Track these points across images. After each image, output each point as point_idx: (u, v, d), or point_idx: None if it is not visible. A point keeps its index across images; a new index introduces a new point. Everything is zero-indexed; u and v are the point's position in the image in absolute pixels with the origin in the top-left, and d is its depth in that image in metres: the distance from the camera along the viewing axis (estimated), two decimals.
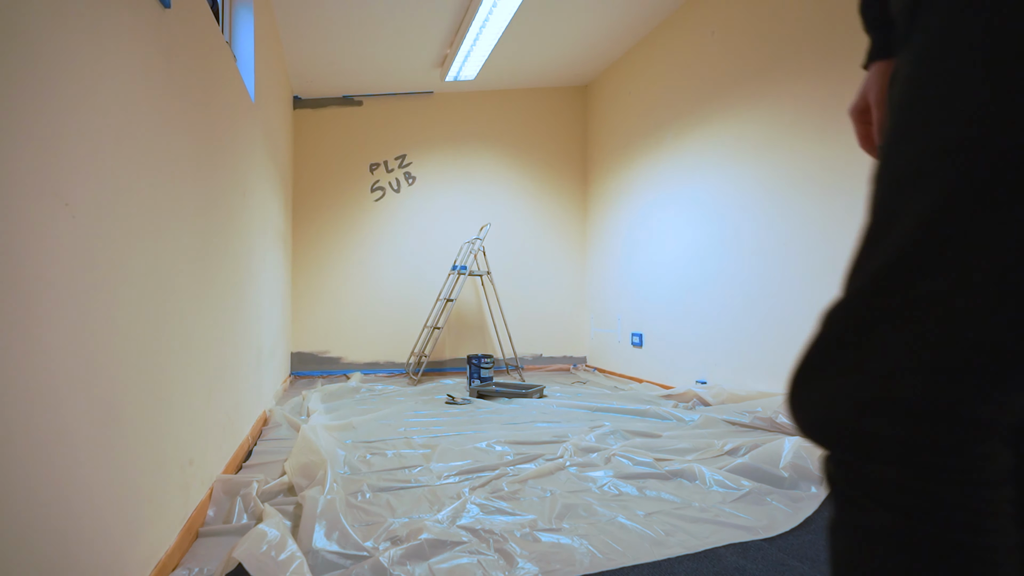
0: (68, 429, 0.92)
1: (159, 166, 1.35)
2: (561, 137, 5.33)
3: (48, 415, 0.86)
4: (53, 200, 0.88)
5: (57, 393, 0.89)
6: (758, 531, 1.64)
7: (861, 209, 2.51)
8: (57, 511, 0.88)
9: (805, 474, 1.95)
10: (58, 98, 0.90)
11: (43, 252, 0.85)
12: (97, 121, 1.03)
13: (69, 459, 0.92)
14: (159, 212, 1.35)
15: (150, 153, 1.29)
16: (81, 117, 0.97)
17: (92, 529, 0.99)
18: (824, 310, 0.58)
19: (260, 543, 1.33)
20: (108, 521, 1.06)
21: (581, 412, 3.30)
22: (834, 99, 2.63)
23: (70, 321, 0.93)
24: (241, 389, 2.38)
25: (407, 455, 2.35)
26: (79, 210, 0.96)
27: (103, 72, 1.06)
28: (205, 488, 1.75)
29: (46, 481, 0.85)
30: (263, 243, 3.02)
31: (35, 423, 0.83)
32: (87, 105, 0.99)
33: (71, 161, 0.94)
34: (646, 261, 4.29)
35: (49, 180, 0.87)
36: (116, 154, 1.11)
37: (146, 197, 1.27)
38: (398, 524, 1.66)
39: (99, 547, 1.02)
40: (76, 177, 0.95)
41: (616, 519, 1.71)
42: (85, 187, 0.98)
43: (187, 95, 1.58)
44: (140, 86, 1.23)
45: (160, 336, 1.35)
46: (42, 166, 0.85)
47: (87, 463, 0.98)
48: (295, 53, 4.08)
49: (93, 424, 1.01)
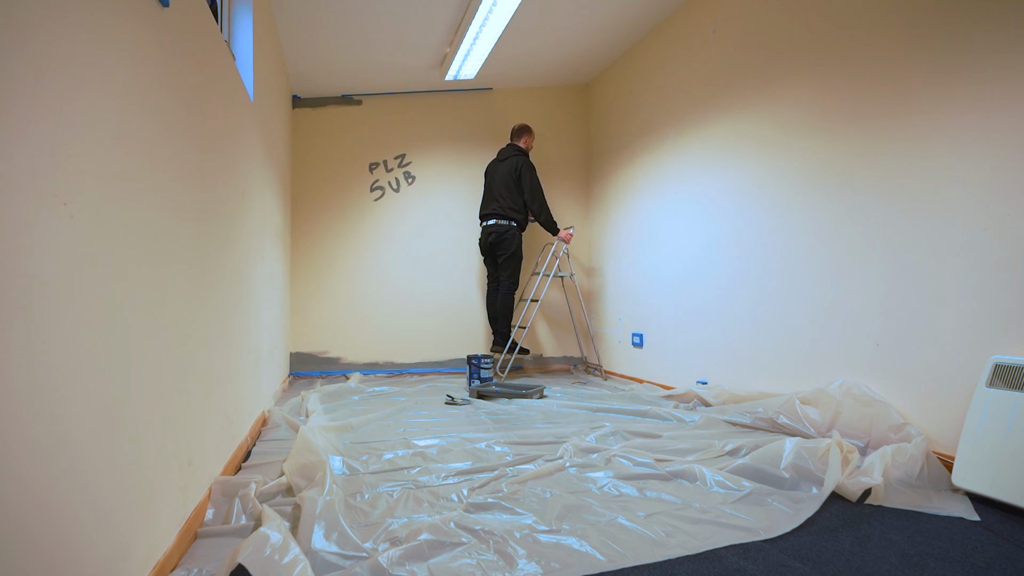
0: (66, 429, 0.92)
1: (158, 165, 1.35)
2: (562, 136, 5.34)
3: (46, 415, 0.87)
4: (51, 200, 0.88)
5: (55, 393, 0.89)
6: (759, 532, 1.64)
7: (864, 209, 2.51)
8: (56, 511, 0.89)
9: (806, 475, 1.96)
10: (56, 96, 0.90)
11: (41, 252, 0.86)
12: (96, 120, 1.04)
13: (68, 459, 0.92)
14: (158, 211, 1.35)
15: (149, 152, 1.29)
16: (80, 116, 0.98)
17: (92, 529, 1.00)
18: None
19: (263, 547, 1.34)
20: (108, 521, 1.06)
21: (581, 413, 3.30)
22: (837, 98, 2.64)
23: (68, 321, 0.93)
24: (240, 389, 2.38)
25: (406, 456, 2.35)
26: (77, 210, 0.96)
27: (102, 71, 1.06)
28: (204, 489, 1.75)
29: (45, 480, 0.86)
30: (262, 243, 3.02)
31: (33, 423, 0.83)
32: (86, 104, 1.00)
33: (69, 160, 0.94)
34: (647, 261, 4.29)
35: (47, 179, 0.87)
36: (115, 154, 1.11)
37: (145, 196, 1.27)
38: (397, 525, 1.66)
39: (100, 547, 1.02)
40: (74, 177, 0.95)
41: (616, 520, 1.71)
42: (83, 187, 0.98)
43: (186, 94, 1.58)
44: (139, 85, 1.24)
45: (159, 335, 1.36)
46: (40, 165, 0.86)
47: (86, 463, 0.99)
48: (294, 52, 4.09)
49: (91, 424, 1.01)
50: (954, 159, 2.16)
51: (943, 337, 2.18)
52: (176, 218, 1.49)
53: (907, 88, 2.34)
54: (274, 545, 1.35)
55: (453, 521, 1.64)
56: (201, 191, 1.74)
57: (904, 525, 1.72)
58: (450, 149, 5.12)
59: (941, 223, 2.20)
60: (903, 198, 2.35)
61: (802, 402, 2.61)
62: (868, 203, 2.50)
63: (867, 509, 1.84)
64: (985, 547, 1.58)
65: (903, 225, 2.35)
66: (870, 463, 1.97)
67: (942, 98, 2.20)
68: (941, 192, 2.20)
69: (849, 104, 2.59)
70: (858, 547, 1.57)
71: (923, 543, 1.60)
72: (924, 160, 2.27)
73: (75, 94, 0.96)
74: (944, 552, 1.54)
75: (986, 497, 1.88)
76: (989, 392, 1.92)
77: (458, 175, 5.13)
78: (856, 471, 1.98)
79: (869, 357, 2.45)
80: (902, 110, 2.36)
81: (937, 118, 2.22)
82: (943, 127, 2.20)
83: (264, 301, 3.09)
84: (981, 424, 1.91)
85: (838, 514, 1.80)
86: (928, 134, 2.25)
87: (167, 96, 1.42)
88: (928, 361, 2.23)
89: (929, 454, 2.03)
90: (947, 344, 2.17)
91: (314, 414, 3.00)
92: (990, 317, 2.02)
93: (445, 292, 5.08)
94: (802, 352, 2.83)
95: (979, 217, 2.07)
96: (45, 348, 0.86)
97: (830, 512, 1.81)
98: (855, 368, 2.54)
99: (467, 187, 5.14)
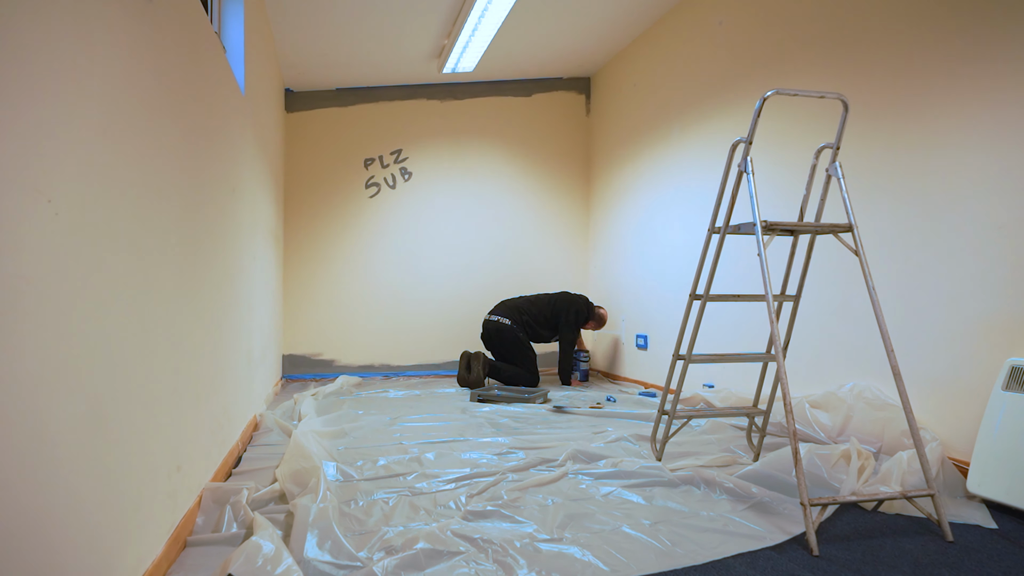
0: (51, 433, 0.92)
1: (146, 161, 1.35)
2: (563, 131, 5.34)
3: (29, 418, 0.86)
4: (35, 196, 0.88)
5: (39, 395, 0.89)
6: (767, 540, 1.64)
7: (877, 206, 2.51)
8: (40, 519, 0.88)
9: (819, 482, 1.95)
10: (40, 90, 0.90)
11: (24, 249, 0.85)
12: (82, 114, 1.03)
13: (52, 464, 0.92)
14: (146, 208, 1.35)
15: (137, 148, 1.29)
16: (65, 110, 0.97)
17: (78, 537, 1.00)
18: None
19: (255, 557, 1.33)
20: (94, 529, 1.06)
21: (584, 417, 3.30)
22: (846, 90, 2.63)
23: (53, 321, 0.93)
24: (231, 392, 2.38)
25: (402, 461, 2.35)
26: (62, 206, 0.96)
27: (88, 63, 1.06)
28: (193, 496, 1.75)
29: (28, 487, 0.85)
30: (253, 241, 3.02)
31: (16, 426, 0.83)
32: (71, 97, 1.00)
33: (54, 156, 0.94)
34: (651, 260, 4.29)
35: (30, 175, 0.87)
36: (101, 149, 1.11)
37: (132, 192, 1.27)
38: (393, 533, 1.66)
39: (85, 556, 1.02)
40: (59, 173, 0.95)
41: (620, 528, 1.71)
42: (69, 183, 0.98)
43: (175, 88, 1.58)
44: (126, 78, 1.24)
45: (147, 337, 1.35)
46: (23, 161, 0.85)
47: (71, 468, 0.98)
48: (287, 44, 4.08)
49: (77, 428, 1.01)
50: (967, 156, 2.16)
51: (958, 338, 2.18)
52: (164, 215, 1.49)
53: (921, 82, 2.33)
54: (267, 555, 1.35)
55: (450, 529, 1.64)
56: (190, 187, 1.74)
57: (918, 533, 1.72)
58: (448, 144, 5.12)
59: (956, 221, 2.20)
60: (917, 195, 2.35)
61: (812, 406, 2.61)
62: (881, 200, 2.50)
63: (880, 517, 1.84)
64: (1001, 556, 1.57)
65: (917, 222, 2.35)
66: (887, 470, 1.96)
67: (958, 92, 2.20)
68: (956, 189, 2.20)
69: (861, 99, 2.59)
70: (870, 556, 1.56)
71: (937, 552, 1.59)
72: (939, 155, 2.27)
73: (60, 86, 0.96)
74: (958, 561, 1.54)
75: (1003, 504, 1.87)
76: (1005, 395, 1.92)
77: (457, 171, 5.13)
78: (872, 478, 1.98)
79: (881, 359, 2.44)
80: (916, 104, 2.35)
81: (953, 113, 2.22)
82: (959, 122, 2.20)
83: (256, 301, 3.09)
84: (997, 429, 1.91)
85: (851, 522, 1.80)
86: (944, 129, 2.25)
87: (156, 89, 1.42)
88: (942, 363, 2.23)
89: (944, 460, 2.03)
90: (962, 346, 2.16)
91: (307, 418, 3.00)
92: (1007, 318, 2.02)
93: (443, 292, 5.08)
94: (812, 353, 2.83)
95: (996, 215, 2.06)
96: (28, 349, 0.86)
97: (843, 520, 1.81)
98: (866, 370, 2.54)
99: (466, 184, 5.14)
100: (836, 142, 2.07)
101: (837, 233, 1.99)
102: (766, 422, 2.35)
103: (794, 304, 2.26)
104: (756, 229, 1.93)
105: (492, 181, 5.19)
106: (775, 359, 1.85)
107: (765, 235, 2.00)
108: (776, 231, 2.05)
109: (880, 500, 1.82)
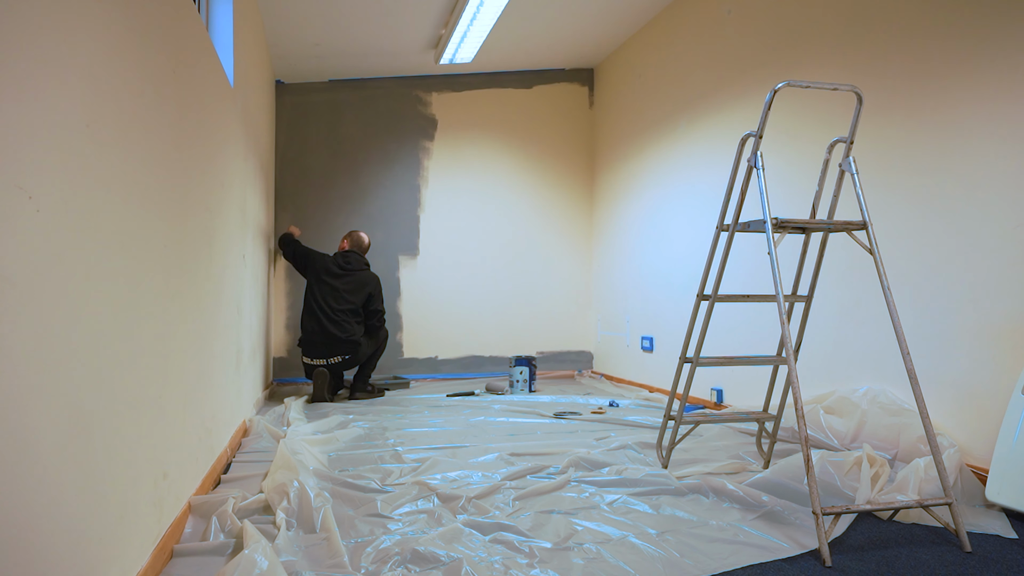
0: (32, 438, 0.92)
1: (131, 156, 1.35)
2: (565, 124, 5.33)
3: (9, 422, 0.86)
4: (15, 193, 0.88)
5: (19, 399, 0.89)
6: (778, 551, 1.64)
7: (890, 203, 2.51)
8: (22, 527, 0.88)
9: (832, 491, 1.95)
10: (18, 81, 0.90)
11: (4, 248, 0.85)
12: (64, 107, 1.03)
13: (34, 471, 0.92)
14: (131, 205, 1.35)
15: (120, 142, 1.29)
16: (45, 102, 0.97)
17: (61, 547, 0.99)
18: None
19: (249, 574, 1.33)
20: (78, 538, 1.06)
21: (587, 423, 3.30)
22: (860, 82, 2.63)
23: (34, 321, 0.93)
24: (219, 397, 2.38)
25: (396, 469, 2.35)
26: (44, 203, 0.96)
27: (69, 55, 1.06)
28: (180, 504, 1.75)
29: (8, 495, 0.85)
30: (243, 239, 3.02)
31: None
32: (52, 90, 0.99)
33: (35, 150, 0.94)
34: (657, 258, 4.29)
35: (10, 171, 0.87)
36: (83, 143, 1.11)
37: (117, 189, 1.27)
38: (389, 542, 1.66)
39: (68, 566, 1.02)
40: (41, 168, 0.95)
41: (627, 539, 1.71)
42: (51, 179, 0.98)
43: (161, 80, 1.58)
44: (110, 70, 1.24)
45: (131, 338, 1.35)
46: (1, 156, 0.85)
47: (53, 476, 0.98)
48: (277, 35, 4.08)
49: (59, 434, 1.01)
50: (986, 151, 2.16)
51: (976, 340, 2.18)
52: (150, 212, 1.49)
53: (940, 73, 2.33)
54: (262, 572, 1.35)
55: (446, 540, 1.64)
56: (177, 184, 1.74)
57: (935, 543, 1.72)
58: (446, 138, 5.11)
59: (973, 219, 2.20)
60: (934, 191, 2.35)
61: (824, 411, 2.61)
62: (894, 197, 2.50)
63: (896, 527, 1.84)
64: (1021, 567, 1.58)
65: (934, 220, 2.35)
66: (903, 478, 1.96)
67: (979, 83, 2.20)
68: (975, 184, 2.20)
69: (873, 93, 2.59)
70: (885, 568, 1.56)
71: (954, 563, 1.59)
72: (958, 150, 2.27)
73: (41, 78, 0.96)
74: (977, 573, 1.54)
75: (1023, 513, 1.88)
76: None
77: (455, 166, 5.13)
78: (888, 486, 1.98)
79: (896, 361, 2.44)
80: (934, 97, 2.35)
81: (973, 105, 2.22)
82: (979, 115, 2.20)
83: (245, 302, 3.09)
84: (1017, 434, 1.91)
85: (865, 532, 1.80)
86: (963, 122, 2.25)
87: (141, 82, 1.42)
88: (960, 366, 2.23)
89: (962, 467, 2.03)
90: (980, 348, 2.16)
91: (297, 423, 3.00)
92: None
93: (441, 292, 5.08)
94: (824, 356, 2.83)
95: (1017, 212, 2.07)
96: (9, 352, 0.86)
97: (857, 530, 1.81)
98: (881, 373, 2.54)
99: (465, 179, 5.13)
100: (850, 136, 2.07)
101: (851, 231, 1.99)
102: (776, 427, 2.35)
103: (806, 305, 2.26)
104: (766, 226, 1.92)
105: (492, 177, 5.18)
106: (786, 362, 1.84)
107: (776, 233, 1.99)
108: (787, 229, 2.05)
109: (896, 509, 1.82)
